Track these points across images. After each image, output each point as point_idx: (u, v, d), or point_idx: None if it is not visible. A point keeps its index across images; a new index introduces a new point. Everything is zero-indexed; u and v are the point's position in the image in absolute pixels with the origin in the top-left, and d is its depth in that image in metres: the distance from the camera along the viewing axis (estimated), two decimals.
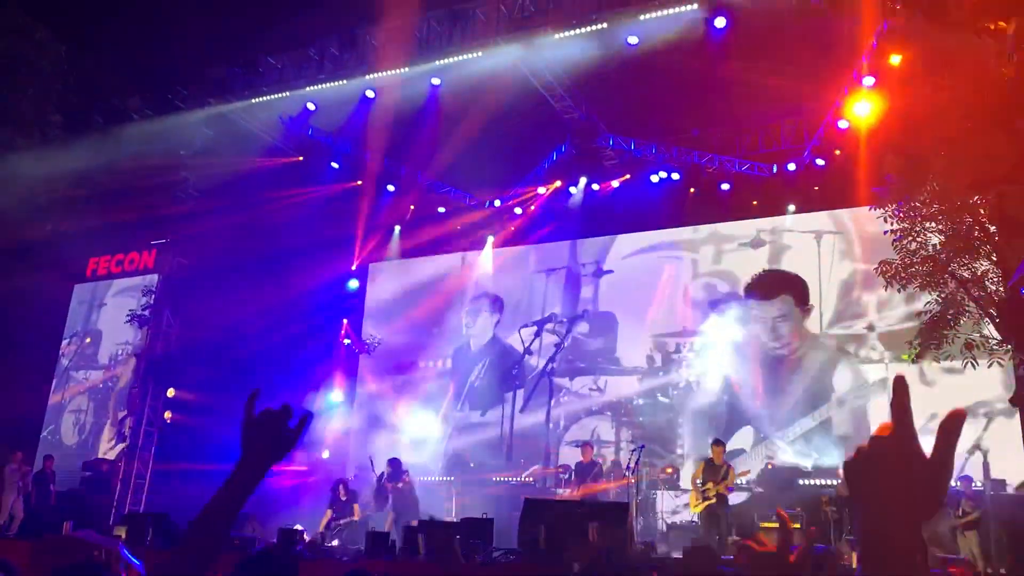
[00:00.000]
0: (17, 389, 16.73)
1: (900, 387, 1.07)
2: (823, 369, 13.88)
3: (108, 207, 15.80)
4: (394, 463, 13.55)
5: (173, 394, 15.26)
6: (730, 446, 13.60)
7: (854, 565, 8.04)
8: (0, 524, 12.73)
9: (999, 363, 9.35)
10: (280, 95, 14.47)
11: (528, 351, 16.43)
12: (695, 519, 11.47)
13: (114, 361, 18.73)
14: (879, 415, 13.09)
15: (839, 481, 12.33)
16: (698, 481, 11.04)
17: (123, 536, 10.15)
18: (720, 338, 14.70)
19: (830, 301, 14.22)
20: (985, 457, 10.99)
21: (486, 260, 17.71)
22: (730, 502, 11.10)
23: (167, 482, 14.70)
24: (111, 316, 18.80)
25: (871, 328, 13.76)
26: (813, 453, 13.29)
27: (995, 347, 9.31)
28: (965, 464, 11.53)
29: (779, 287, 14.49)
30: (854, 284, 14.13)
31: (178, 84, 15.14)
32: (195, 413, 15.03)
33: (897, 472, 1.05)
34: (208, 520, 1.62)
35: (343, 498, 12.80)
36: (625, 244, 16.35)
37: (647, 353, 15.50)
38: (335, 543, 11.85)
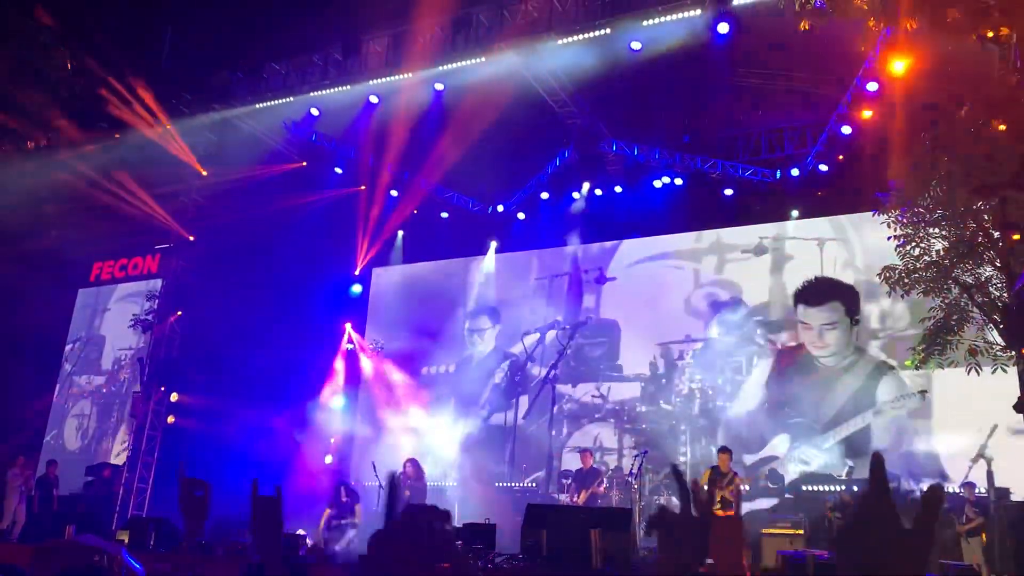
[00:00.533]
0: (20, 394, 16.77)
1: (878, 464, 1.18)
2: (867, 380, 13.65)
3: (112, 212, 15.84)
4: (414, 462, 13.54)
5: (176, 398, 15.27)
6: (764, 453, 13.57)
7: None
8: (2, 528, 12.75)
9: (1003, 369, 9.31)
10: (284, 100, 14.52)
11: (531, 358, 16.44)
12: None
13: (118, 366, 18.77)
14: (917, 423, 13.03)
15: (843, 488, 12.31)
16: (704, 488, 11.00)
17: (125, 540, 10.15)
18: (735, 345, 14.68)
19: None
20: (989, 465, 10.95)
21: (489, 265, 17.72)
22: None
23: (170, 486, 14.69)
24: (114, 321, 18.85)
25: (875, 336, 13.73)
26: (847, 462, 13.14)
27: (999, 353, 9.29)
28: (969, 471, 11.50)
29: (829, 294, 14.26)
30: (858, 291, 14.08)
31: (182, 89, 15.19)
32: (198, 417, 15.04)
33: (882, 543, 1.10)
34: None
35: (344, 499, 12.83)
36: (628, 252, 16.34)
37: (649, 360, 15.49)
38: (337, 547, 11.83)
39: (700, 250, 15.70)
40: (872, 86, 11.97)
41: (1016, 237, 8.82)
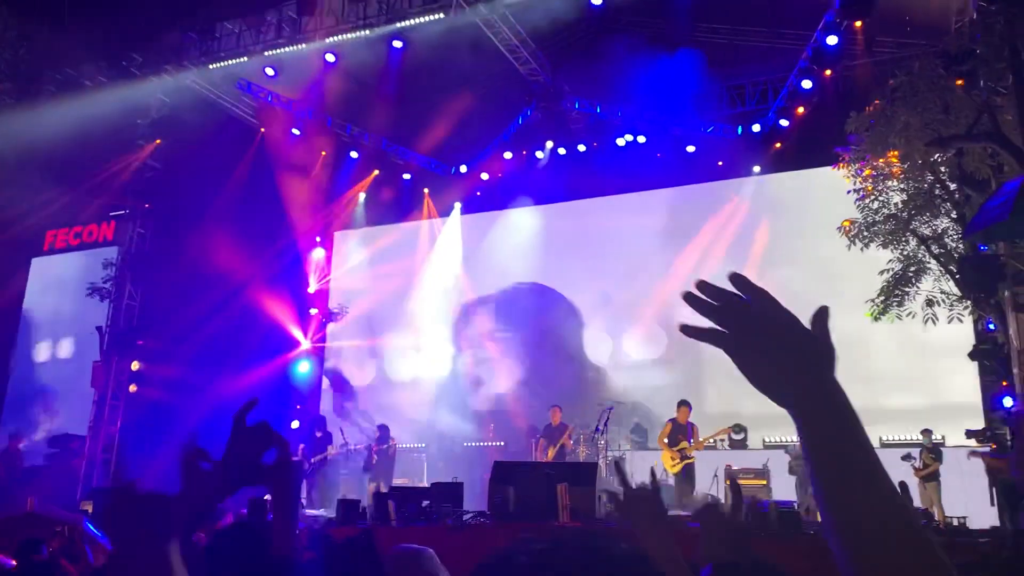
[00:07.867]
0: None
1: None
2: None
3: (65, 179, 15.41)
4: (383, 428, 13.78)
5: (138, 367, 15.05)
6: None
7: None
8: None
9: (959, 319, 9.51)
10: (238, 60, 14.16)
11: (495, 316, 16.43)
12: (668, 479, 11.44)
13: (77, 336, 18.39)
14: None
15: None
16: (666, 440, 11.07)
17: (89, 510, 10.06)
18: None
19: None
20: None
21: (454, 226, 17.61)
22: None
23: (133, 456, 14.55)
24: (72, 289, 18.43)
25: None
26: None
27: (955, 303, 9.48)
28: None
29: None
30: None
31: (133, 51, 14.73)
32: (160, 386, 14.85)
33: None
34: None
35: (318, 435, 13.38)
36: (584, 207, 16.25)
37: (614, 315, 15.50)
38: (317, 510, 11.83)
39: (658, 200, 15.46)
40: (832, 40, 11.96)
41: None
